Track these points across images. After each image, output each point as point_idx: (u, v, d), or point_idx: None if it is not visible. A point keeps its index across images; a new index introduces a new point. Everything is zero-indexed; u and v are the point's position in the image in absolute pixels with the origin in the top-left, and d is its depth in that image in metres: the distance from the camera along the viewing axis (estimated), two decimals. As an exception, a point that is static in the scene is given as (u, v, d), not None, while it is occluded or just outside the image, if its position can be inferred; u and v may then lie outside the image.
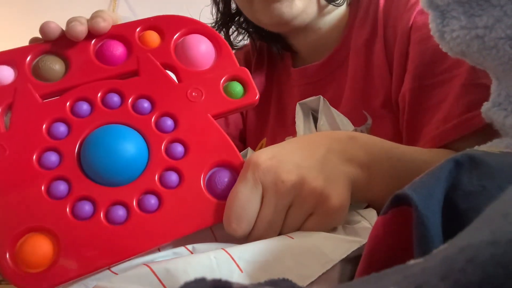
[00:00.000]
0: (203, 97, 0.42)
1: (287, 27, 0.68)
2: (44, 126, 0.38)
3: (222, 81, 0.44)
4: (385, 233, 0.28)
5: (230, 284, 0.17)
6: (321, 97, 0.56)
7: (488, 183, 0.27)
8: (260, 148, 0.77)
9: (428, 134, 0.55)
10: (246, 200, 0.37)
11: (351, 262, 0.37)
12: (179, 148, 0.40)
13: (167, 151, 0.39)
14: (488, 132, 0.44)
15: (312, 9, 0.67)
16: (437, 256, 0.15)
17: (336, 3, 0.68)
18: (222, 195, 0.38)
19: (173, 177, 0.38)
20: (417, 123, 0.58)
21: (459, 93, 0.54)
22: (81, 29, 0.43)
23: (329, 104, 0.55)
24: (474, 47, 0.37)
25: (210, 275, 0.30)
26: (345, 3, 0.72)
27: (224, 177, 0.39)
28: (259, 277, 0.32)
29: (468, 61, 0.40)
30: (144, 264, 0.32)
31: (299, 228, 0.39)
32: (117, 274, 0.33)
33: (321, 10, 0.69)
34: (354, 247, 0.36)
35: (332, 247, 0.36)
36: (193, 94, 0.42)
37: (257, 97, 0.44)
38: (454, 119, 0.53)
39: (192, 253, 0.35)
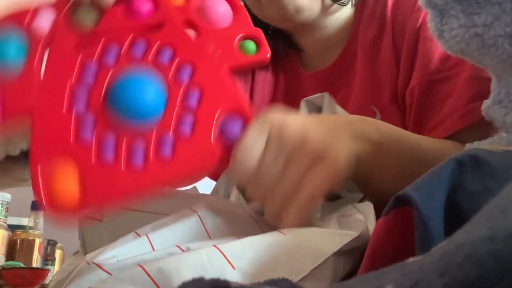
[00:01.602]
0: (219, 52, 0.46)
1: (292, 22, 0.69)
2: (76, 70, 0.42)
3: (237, 38, 0.47)
4: (387, 235, 0.28)
5: (228, 283, 0.17)
6: (326, 93, 0.57)
7: (490, 183, 0.27)
8: None
9: (434, 127, 0.58)
10: (252, 142, 0.39)
11: (344, 256, 0.37)
12: (194, 96, 0.42)
13: (183, 99, 0.42)
14: (492, 123, 0.44)
15: (316, 6, 0.68)
16: (435, 253, 0.15)
17: (340, 2, 0.70)
18: (232, 145, 0.40)
19: (186, 125, 0.41)
20: (423, 117, 0.60)
21: (464, 87, 0.56)
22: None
23: (334, 101, 0.56)
24: (473, 45, 0.37)
25: (202, 273, 0.30)
26: (350, 3, 0.73)
27: (234, 126, 0.41)
28: (251, 273, 0.32)
29: (467, 60, 0.40)
30: (138, 265, 0.32)
31: (297, 184, 0.39)
32: (111, 274, 0.33)
33: (325, 9, 0.70)
34: (346, 240, 0.36)
35: (324, 241, 0.36)
36: (210, 48, 0.46)
37: (268, 55, 0.48)
38: (458, 111, 0.55)
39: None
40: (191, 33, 0.48)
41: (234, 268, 0.32)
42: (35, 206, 1.29)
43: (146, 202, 0.44)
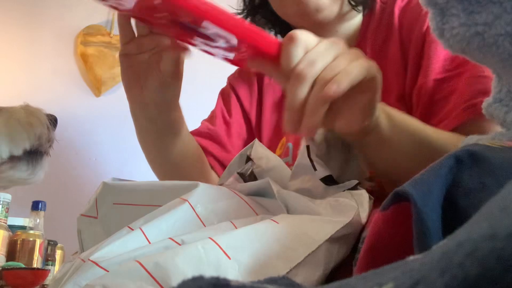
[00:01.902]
0: None
1: (310, 20, 0.75)
2: None
3: None
4: (387, 229, 0.29)
5: (228, 282, 0.17)
6: None
7: (488, 180, 0.27)
8: (281, 146, 0.81)
9: (438, 122, 0.62)
10: (306, 34, 0.46)
11: (337, 242, 0.38)
12: None
13: None
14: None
15: (335, 9, 0.74)
16: (436, 251, 0.15)
17: (357, 9, 0.76)
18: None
19: None
20: (429, 114, 0.65)
21: (467, 84, 0.61)
22: None
23: None
24: (474, 44, 0.37)
25: (198, 265, 0.31)
26: (362, 13, 0.80)
27: None
28: (246, 262, 0.33)
29: (469, 58, 0.40)
30: (135, 260, 0.32)
31: (342, 69, 0.44)
32: (108, 271, 0.33)
33: (342, 15, 0.76)
34: (338, 227, 0.38)
35: (317, 229, 0.37)
36: None
37: None
38: (461, 105, 0.60)
39: (180, 245, 0.36)
40: None
41: (229, 258, 0.33)
42: (36, 207, 1.29)
43: (138, 195, 0.45)
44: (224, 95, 0.90)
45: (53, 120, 0.95)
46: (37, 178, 0.91)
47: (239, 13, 0.87)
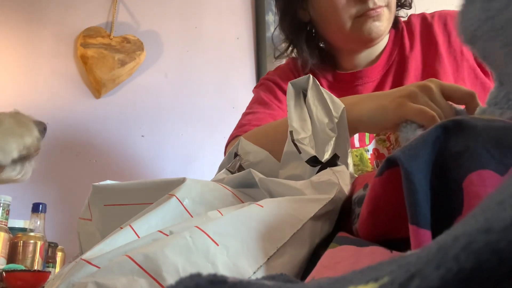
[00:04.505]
0: None
1: (368, 45, 0.85)
2: None
3: None
4: (384, 192, 0.32)
5: (225, 278, 0.17)
6: (310, 75, 0.61)
7: (472, 143, 0.29)
8: None
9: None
10: None
11: (320, 220, 0.40)
12: None
13: None
14: None
15: (387, 32, 0.85)
16: (433, 245, 0.15)
17: (396, 26, 0.90)
18: None
19: None
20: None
21: None
22: None
23: (318, 83, 0.60)
24: (484, 28, 0.39)
25: (187, 254, 0.32)
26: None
27: None
28: (234, 247, 0.34)
29: (475, 51, 0.42)
30: (124, 255, 0.32)
31: None
32: (99, 267, 0.33)
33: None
34: (321, 205, 0.39)
35: (300, 208, 0.39)
36: None
37: None
38: None
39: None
40: None
41: (217, 245, 0.33)
42: (36, 209, 1.29)
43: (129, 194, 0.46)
44: (265, 87, 0.95)
45: (42, 128, 0.96)
46: (25, 177, 0.93)
47: (286, 39, 0.95)
